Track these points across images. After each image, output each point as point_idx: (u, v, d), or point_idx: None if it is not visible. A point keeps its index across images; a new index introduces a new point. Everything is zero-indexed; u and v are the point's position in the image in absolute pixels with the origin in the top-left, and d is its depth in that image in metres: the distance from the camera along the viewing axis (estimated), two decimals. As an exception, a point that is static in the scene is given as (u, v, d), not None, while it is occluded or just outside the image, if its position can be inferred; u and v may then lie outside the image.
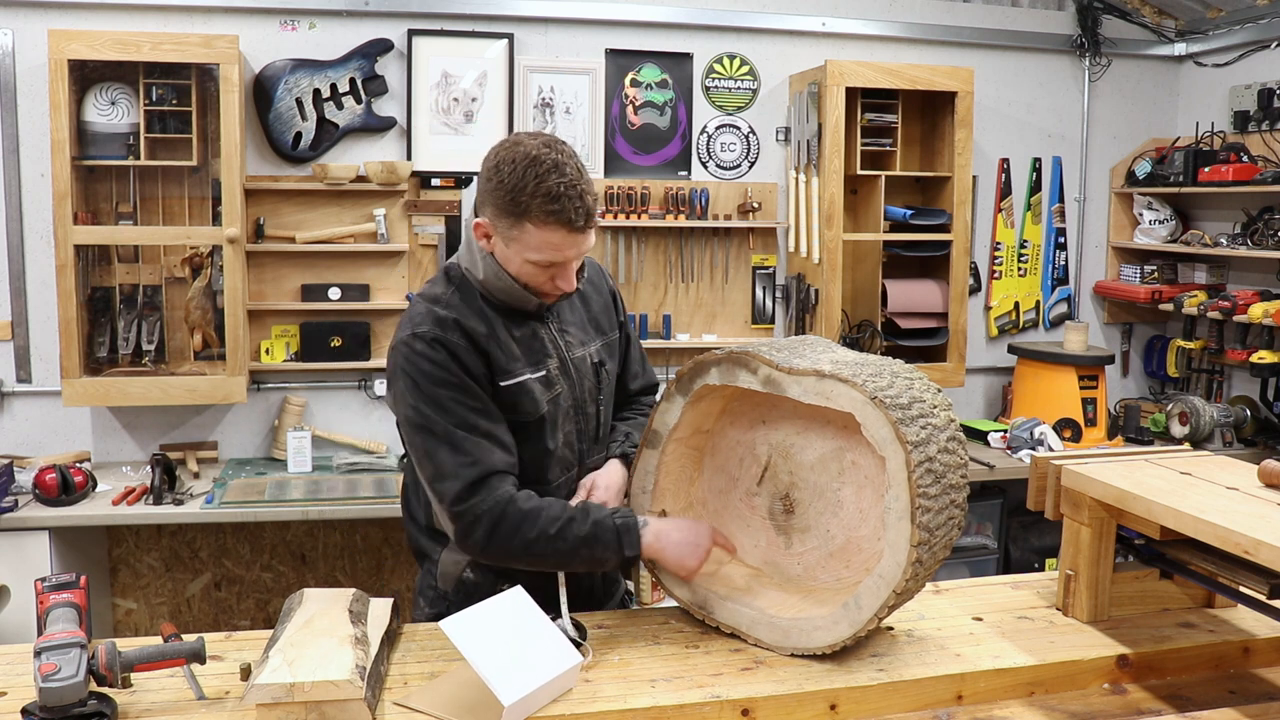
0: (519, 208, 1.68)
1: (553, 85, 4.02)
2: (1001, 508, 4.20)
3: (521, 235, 1.71)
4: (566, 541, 1.70)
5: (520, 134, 1.75)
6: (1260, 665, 1.79)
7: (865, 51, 4.25)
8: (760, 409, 1.86)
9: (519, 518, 1.70)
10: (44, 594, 1.50)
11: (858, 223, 4.18)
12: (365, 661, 1.51)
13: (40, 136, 3.57)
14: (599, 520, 1.72)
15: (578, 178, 1.69)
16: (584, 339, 1.94)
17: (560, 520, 1.71)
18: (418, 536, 1.97)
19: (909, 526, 1.54)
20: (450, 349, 1.73)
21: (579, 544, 1.71)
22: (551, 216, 1.68)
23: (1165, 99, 4.67)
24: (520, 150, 1.69)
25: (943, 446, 1.61)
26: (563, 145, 1.72)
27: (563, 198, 1.67)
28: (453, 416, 1.71)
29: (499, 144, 1.74)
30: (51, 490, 3.26)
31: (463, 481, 1.69)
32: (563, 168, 1.68)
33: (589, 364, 1.93)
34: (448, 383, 1.72)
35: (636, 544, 1.73)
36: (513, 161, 1.68)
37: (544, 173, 1.66)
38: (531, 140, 1.71)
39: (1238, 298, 4.01)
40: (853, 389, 1.59)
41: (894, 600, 1.58)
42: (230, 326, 3.57)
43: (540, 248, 1.71)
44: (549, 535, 1.70)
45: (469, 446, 1.71)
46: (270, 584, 4.05)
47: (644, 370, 2.15)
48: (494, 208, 1.72)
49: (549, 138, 1.73)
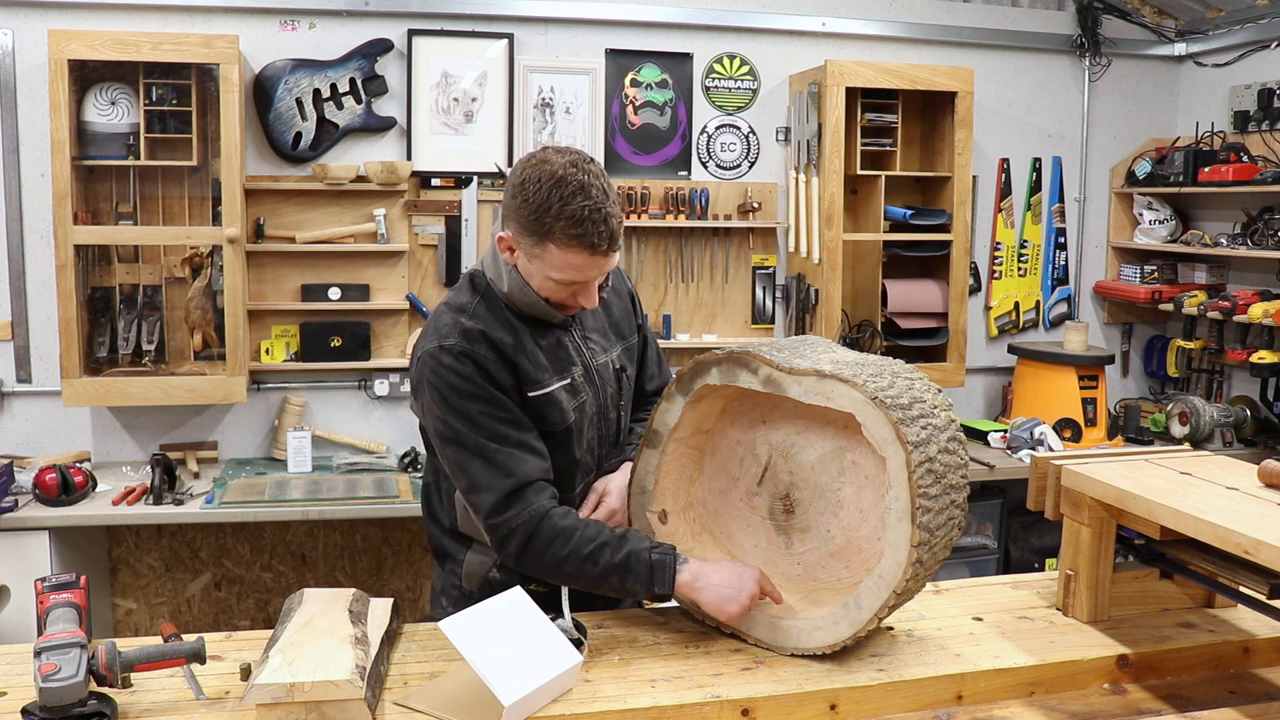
0: (543, 228, 1.67)
1: (553, 85, 4.02)
2: (1001, 508, 4.20)
3: (544, 254, 1.70)
4: (597, 566, 1.68)
5: (548, 150, 1.71)
6: (1260, 665, 1.79)
7: (865, 51, 4.25)
8: (761, 409, 1.86)
9: (552, 534, 1.69)
10: (44, 594, 1.50)
11: (858, 223, 4.18)
12: (365, 661, 1.51)
13: (40, 136, 3.57)
14: (634, 551, 1.69)
15: (603, 200, 1.67)
16: (606, 345, 1.94)
17: (594, 543, 1.69)
18: (441, 538, 1.97)
19: (909, 527, 1.54)
20: (478, 362, 1.72)
21: (610, 571, 1.68)
22: (575, 240, 1.66)
23: (1165, 99, 4.67)
24: (547, 169, 1.66)
25: (943, 447, 1.61)
26: (590, 164, 1.69)
27: (586, 221, 1.65)
28: (483, 430, 1.71)
29: (526, 158, 1.72)
30: (51, 490, 3.26)
31: (497, 494, 1.70)
32: (588, 189, 1.65)
33: (611, 370, 1.94)
34: (476, 396, 1.71)
35: (669, 582, 1.69)
36: (539, 181, 1.66)
37: (569, 195, 1.64)
38: (559, 158, 1.68)
39: (1238, 298, 4.01)
40: (853, 389, 1.59)
41: (894, 600, 1.58)
42: (230, 326, 3.57)
43: (562, 268, 1.70)
44: (580, 556, 1.68)
45: (501, 459, 1.70)
46: (270, 584, 4.05)
47: (660, 370, 2.15)
48: (518, 224, 1.71)
49: (577, 155, 1.69)
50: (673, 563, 1.70)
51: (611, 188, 1.71)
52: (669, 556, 1.70)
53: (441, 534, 1.97)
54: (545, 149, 1.72)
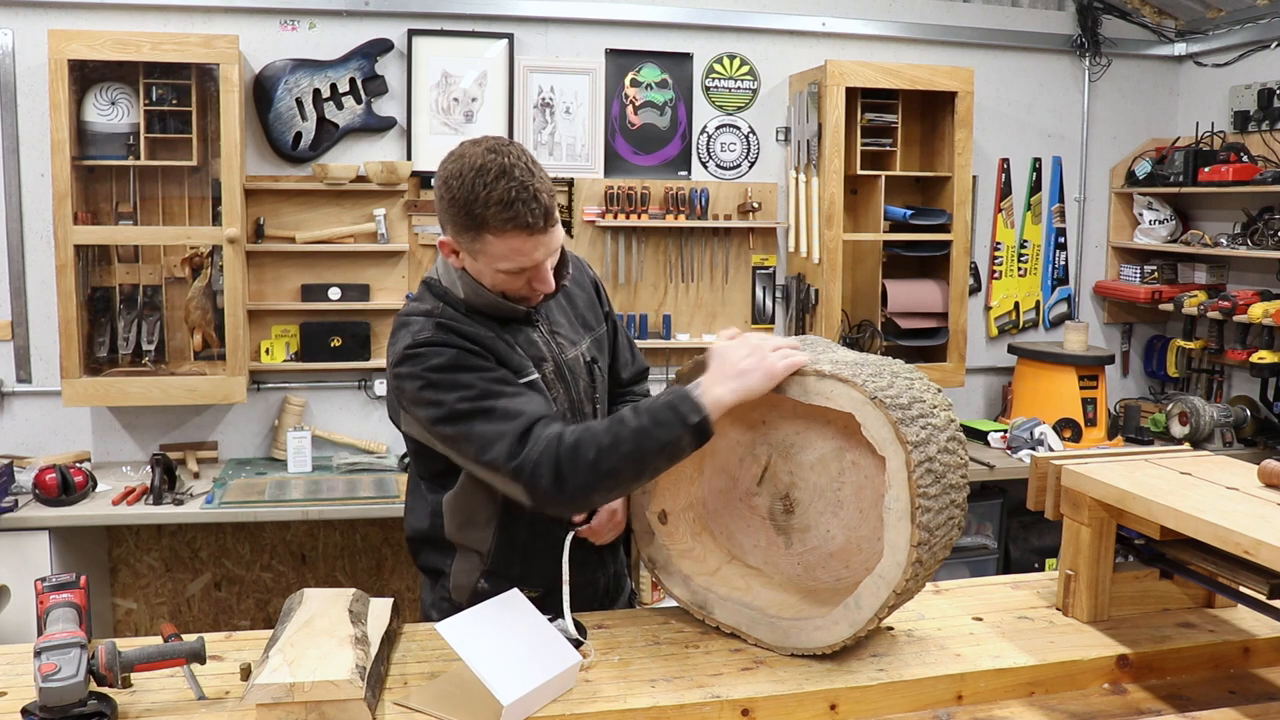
0: (475, 220, 1.65)
1: (553, 85, 4.02)
2: (1001, 508, 4.20)
3: (485, 247, 1.68)
4: (626, 443, 1.56)
5: (465, 143, 1.69)
6: (1260, 665, 1.78)
7: (865, 51, 4.25)
8: (760, 409, 1.86)
9: (573, 447, 1.58)
10: (44, 594, 1.50)
11: (858, 223, 4.18)
12: (365, 661, 1.51)
13: (40, 136, 3.57)
14: (650, 406, 1.60)
15: (528, 177, 1.63)
16: (575, 338, 1.91)
17: (610, 429, 1.59)
18: (425, 551, 1.94)
19: (909, 526, 1.54)
20: (456, 346, 1.70)
21: (640, 438, 1.56)
22: (509, 224, 1.63)
23: (1165, 99, 4.67)
24: (466, 162, 1.64)
25: (943, 446, 1.61)
26: (509, 147, 1.66)
27: (516, 202, 1.61)
28: (476, 390, 1.65)
29: (445, 157, 1.69)
30: (51, 490, 3.26)
31: (509, 439, 1.60)
32: (511, 171, 1.62)
33: (582, 364, 1.90)
34: (462, 367, 1.68)
35: (697, 406, 1.57)
36: (460, 175, 1.64)
37: (492, 180, 1.61)
38: (475, 149, 1.65)
39: (1238, 298, 4.01)
40: (853, 389, 1.59)
41: (894, 600, 1.58)
42: (230, 326, 3.57)
43: (506, 255, 1.67)
44: (605, 446, 1.56)
45: (503, 407, 1.63)
46: (270, 584, 4.05)
47: (634, 357, 2.12)
48: (452, 224, 1.69)
49: (494, 141, 1.67)
50: (688, 391, 1.59)
51: (537, 164, 1.67)
52: (681, 389, 1.61)
53: (426, 547, 1.93)
54: (462, 143, 1.69)
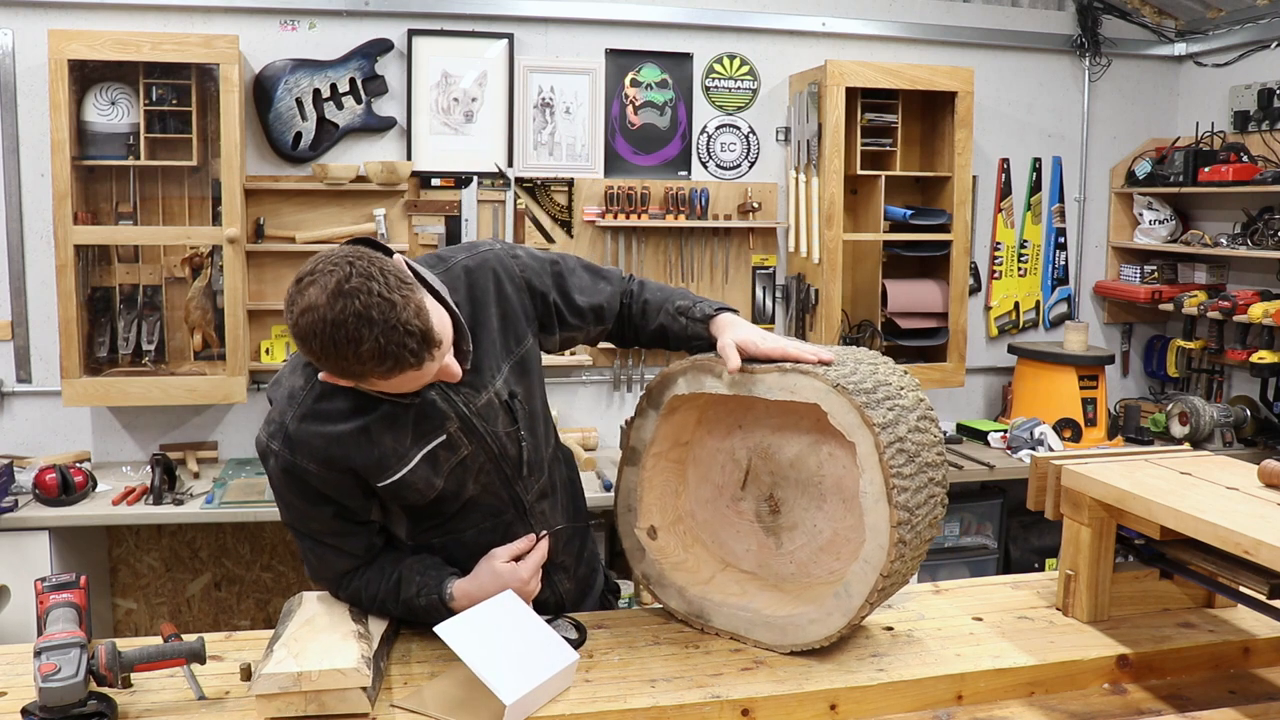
0: (354, 376, 1.47)
1: (553, 85, 4.02)
2: (1001, 508, 4.20)
3: (372, 386, 1.51)
4: (392, 613, 1.73)
5: (306, 285, 1.42)
6: (1260, 665, 1.78)
7: (865, 51, 4.25)
8: (735, 414, 1.86)
9: (354, 601, 1.72)
10: (44, 594, 1.50)
11: (858, 223, 4.18)
12: (369, 654, 1.51)
13: (40, 136, 3.57)
14: (414, 597, 1.69)
15: (390, 312, 1.39)
16: (489, 378, 1.67)
17: (377, 600, 1.71)
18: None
19: (886, 508, 1.54)
20: (300, 477, 1.60)
21: (401, 610, 1.71)
22: (391, 372, 1.44)
23: (1165, 99, 4.67)
24: (315, 316, 1.40)
25: (913, 426, 1.61)
26: (353, 278, 1.40)
27: (387, 351, 1.41)
28: (309, 525, 1.69)
29: (290, 301, 1.43)
30: (51, 490, 3.26)
31: (328, 583, 1.74)
32: (368, 316, 1.38)
33: (497, 405, 1.68)
34: (296, 491, 1.64)
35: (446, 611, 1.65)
36: (315, 334, 1.40)
37: (353, 332, 1.39)
38: (319, 295, 1.40)
39: (1238, 298, 4.01)
40: (814, 379, 1.59)
41: (883, 584, 1.58)
42: (230, 326, 3.57)
43: (398, 386, 1.50)
44: (377, 610, 1.72)
45: (320, 553, 1.70)
46: (270, 584, 4.05)
47: (595, 293, 1.84)
48: (328, 373, 1.51)
49: (338, 279, 1.40)
50: (448, 600, 1.67)
51: (389, 281, 1.41)
52: (442, 600, 1.67)
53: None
54: (300, 281, 1.43)
